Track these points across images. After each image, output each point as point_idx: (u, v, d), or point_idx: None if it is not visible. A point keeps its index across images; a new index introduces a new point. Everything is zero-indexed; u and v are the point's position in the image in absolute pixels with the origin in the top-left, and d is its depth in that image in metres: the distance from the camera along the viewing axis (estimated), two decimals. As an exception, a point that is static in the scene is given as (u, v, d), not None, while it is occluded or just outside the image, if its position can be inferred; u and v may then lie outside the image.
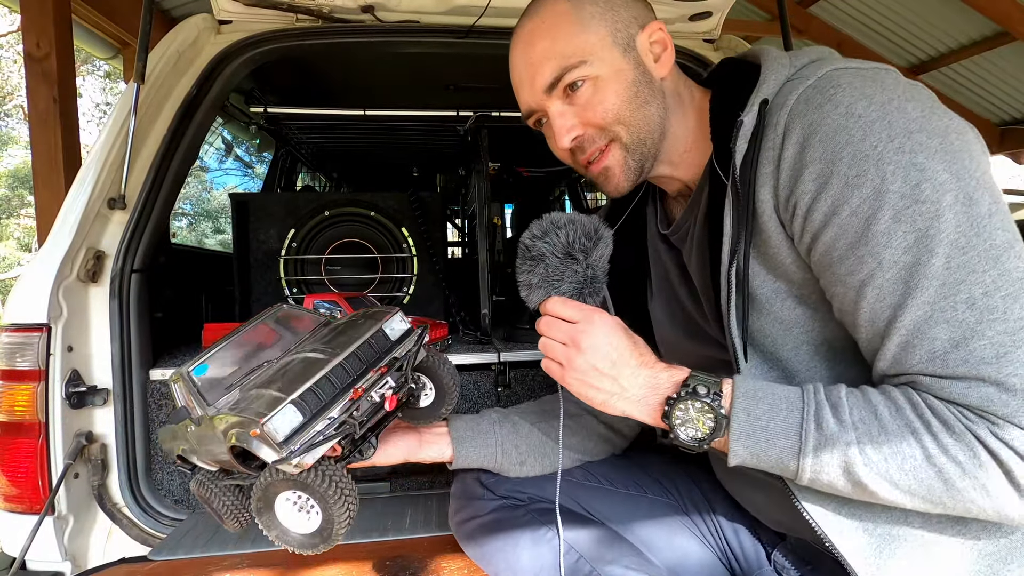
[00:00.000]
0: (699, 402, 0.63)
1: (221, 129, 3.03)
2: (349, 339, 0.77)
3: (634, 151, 0.76)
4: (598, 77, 0.73)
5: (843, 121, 0.59)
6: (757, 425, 0.61)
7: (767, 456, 0.62)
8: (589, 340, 0.68)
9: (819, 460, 0.59)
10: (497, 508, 0.91)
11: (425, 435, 0.93)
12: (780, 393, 0.62)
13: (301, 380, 0.70)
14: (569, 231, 0.73)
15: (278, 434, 0.65)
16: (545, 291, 0.73)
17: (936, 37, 4.33)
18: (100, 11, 3.10)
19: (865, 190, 0.57)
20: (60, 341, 1.14)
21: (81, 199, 1.19)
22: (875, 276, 0.58)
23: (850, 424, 0.58)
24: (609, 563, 0.79)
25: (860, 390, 0.61)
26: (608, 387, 0.68)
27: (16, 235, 11.17)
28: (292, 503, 0.70)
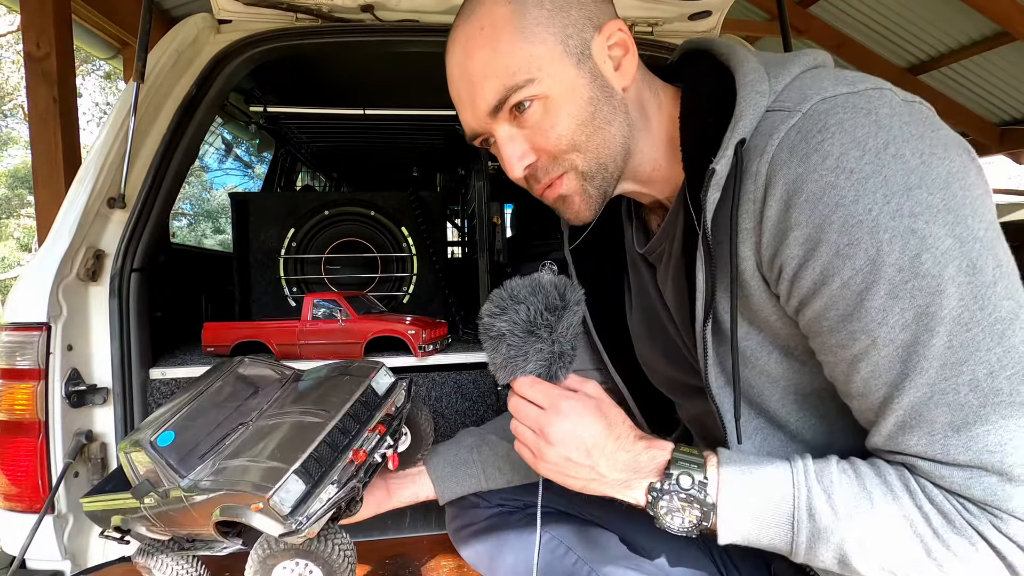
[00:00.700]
0: (684, 493, 0.59)
1: (221, 129, 3.03)
2: (340, 399, 0.75)
3: (593, 179, 0.67)
4: (548, 97, 0.62)
5: (832, 178, 0.51)
6: (747, 515, 0.57)
7: (758, 542, 0.59)
8: (558, 430, 0.63)
9: (812, 550, 0.56)
10: (493, 515, 0.92)
11: (393, 481, 0.91)
12: (770, 476, 0.58)
13: (299, 447, 0.67)
14: (530, 305, 0.65)
15: (284, 506, 0.62)
16: (511, 371, 0.66)
17: (936, 37, 4.33)
18: (100, 11, 3.10)
19: (858, 261, 0.51)
20: (60, 340, 1.14)
21: (81, 198, 1.19)
22: (869, 353, 0.53)
23: (844, 514, 0.54)
24: (607, 563, 0.79)
25: (853, 468, 0.57)
26: (585, 475, 0.63)
27: (16, 235, 11.17)
28: (290, 571, 0.68)
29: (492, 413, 1.42)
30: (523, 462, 0.91)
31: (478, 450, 0.92)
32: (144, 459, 0.72)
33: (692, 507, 0.59)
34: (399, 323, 1.35)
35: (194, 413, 0.77)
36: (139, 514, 0.75)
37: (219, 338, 1.39)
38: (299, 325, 1.37)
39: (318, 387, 0.80)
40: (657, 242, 0.74)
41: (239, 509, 0.63)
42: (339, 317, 1.37)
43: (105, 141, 1.23)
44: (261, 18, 1.44)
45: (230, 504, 0.64)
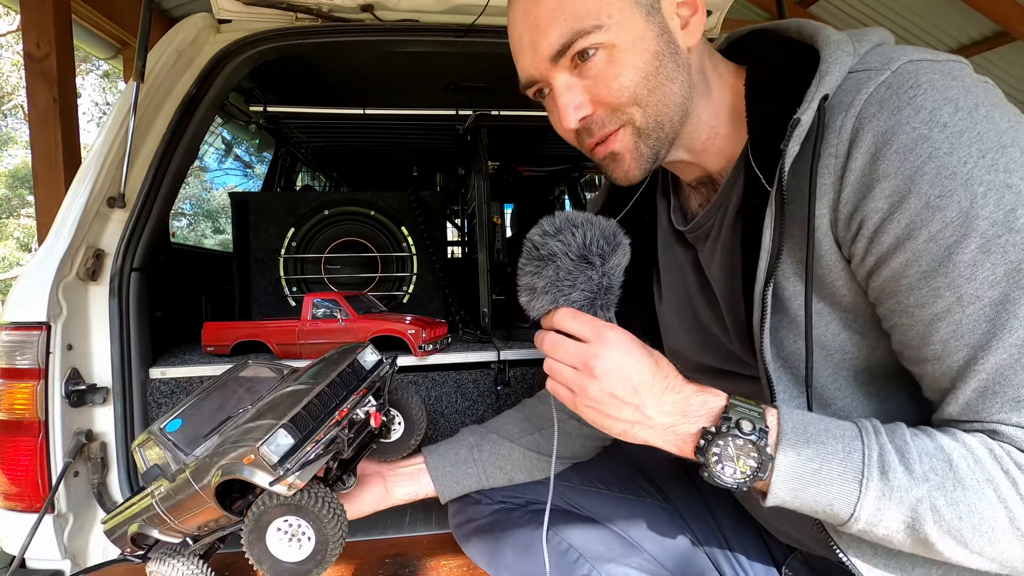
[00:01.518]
0: (742, 439, 0.54)
1: (221, 129, 3.04)
2: (328, 370, 0.81)
3: (648, 137, 0.64)
4: (614, 46, 0.60)
5: (926, 131, 0.50)
6: (808, 468, 0.53)
7: (815, 502, 0.54)
8: (604, 363, 0.58)
9: (879, 512, 0.52)
10: (495, 511, 0.92)
11: (392, 478, 0.92)
12: (835, 430, 0.54)
13: (289, 408, 0.72)
14: (587, 231, 0.62)
15: (273, 456, 0.66)
16: (552, 298, 0.63)
17: (936, 37, 4.33)
18: (100, 11, 3.10)
19: (950, 213, 0.49)
20: (60, 339, 1.14)
21: (81, 198, 1.19)
22: (952, 311, 0.50)
23: (921, 475, 0.50)
24: (608, 561, 0.79)
25: (926, 433, 0.54)
26: (629, 416, 0.59)
27: (16, 235, 11.17)
28: (283, 532, 0.71)
29: (492, 413, 1.42)
30: (525, 461, 0.92)
31: (479, 449, 0.92)
32: (154, 451, 0.77)
33: (749, 456, 0.54)
34: (399, 323, 1.35)
35: (200, 403, 0.83)
36: (152, 512, 0.78)
37: (219, 338, 1.39)
38: (299, 325, 1.37)
39: (313, 367, 0.86)
40: (705, 217, 0.71)
41: (235, 465, 0.67)
42: (339, 317, 1.37)
43: (105, 141, 1.23)
44: (261, 18, 1.44)
45: (227, 463, 0.68)
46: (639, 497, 0.93)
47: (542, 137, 2.17)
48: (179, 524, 0.78)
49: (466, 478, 0.91)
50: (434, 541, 1.06)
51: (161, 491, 0.77)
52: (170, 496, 0.76)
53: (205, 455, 0.73)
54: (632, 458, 0.99)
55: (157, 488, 0.77)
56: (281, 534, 0.71)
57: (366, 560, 1.00)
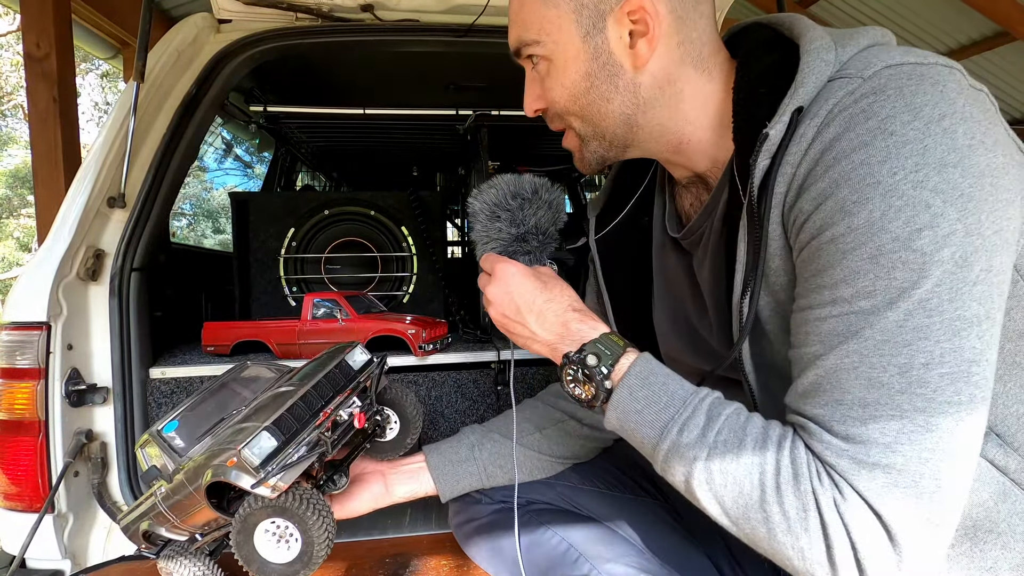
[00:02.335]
0: (586, 370, 0.62)
1: (221, 128, 3.04)
2: (315, 372, 0.82)
3: (589, 143, 0.70)
4: (551, 60, 0.65)
5: (868, 138, 0.49)
6: (633, 406, 0.60)
7: (632, 435, 0.61)
8: (493, 290, 0.69)
9: (668, 462, 0.58)
10: (495, 511, 0.91)
11: (392, 476, 0.92)
12: (671, 387, 0.59)
13: (273, 410, 0.73)
14: (498, 190, 0.73)
15: (255, 458, 0.67)
16: (481, 248, 0.75)
17: (936, 37, 4.33)
18: (100, 11, 3.10)
19: (858, 219, 0.49)
20: (60, 339, 1.14)
21: (81, 198, 1.19)
22: (822, 307, 0.52)
23: (709, 442, 0.55)
24: (608, 561, 0.79)
25: (748, 416, 0.57)
26: (520, 331, 0.69)
27: (16, 235, 11.17)
28: (271, 534, 0.71)
29: (492, 413, 1.42)
30: (526, 461, 0.92)
31: (480, 448, 0.92)
32: (152, 450, 0.79)
33: (589, 384, 0.62)
34: (399, 322, 1.35)
35: (197, 404, 0.84)
36: (156, 511, 0.79)
37: (219, 338, 1.39)
38: (299, 324, 1.37)
39: (303, 369, 0.86)
40: (697, 223, 0.72)
41: (221, 467, 0.68)
42: (339, 316, 1.37)
43: (105, 141, 1.23)
44: (261, 18, 1.45)
45: (213, 466, 0.69)
46: (639, 497, 0.93)
47: (542, 137, 2.17)
48: (181, 523, 0.78)
49: (467, 477, 0.91)
50: (434, 541, 1.06)
51: (162, 491, 0.77)
52: (170, 496, 0.76)
53: (197, 457, 0.74)
54: (632, 458, 0.99)
55: (158, 488, 0.78)
56: (269, 535, 0.71)
57: (366, 560, 1.00)
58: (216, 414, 0.83)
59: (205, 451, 0.73)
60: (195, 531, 0.81)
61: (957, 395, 0.47)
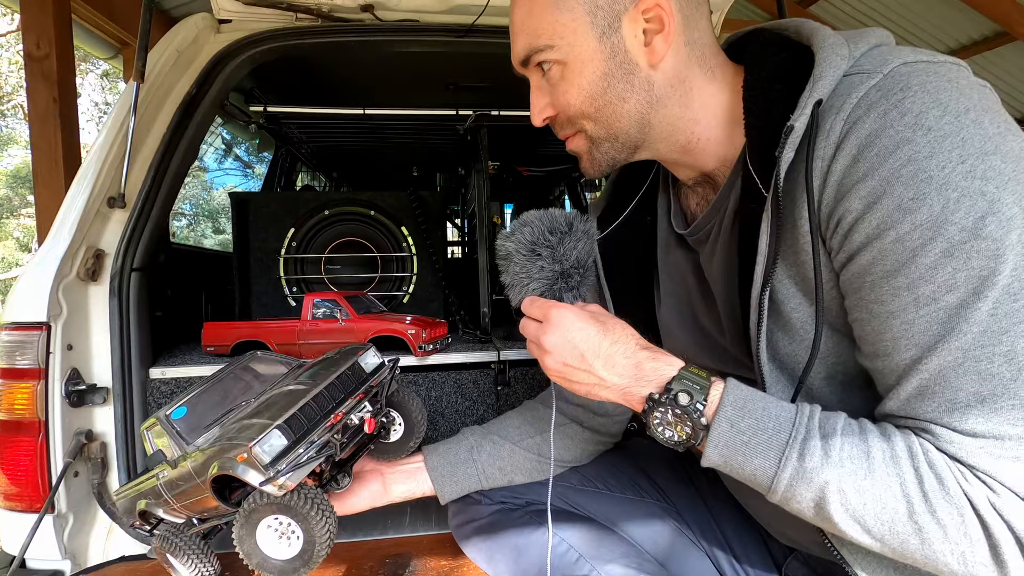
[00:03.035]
0: (678, 409, 0.59)
1: (221, 129, 3.04)
2: (328, 372, 0.82)
3: (601, 145, 0.70)
4: (565, 64, 0.65)
5: (909, 133, 0.50)
6: (738, 439, 0.57)
7: (741, 470, 0.58)
8: (551, 338, 0.65)
9: (792, 488, 0.55)
10: (495, 512, 0.91)
11: (390, 476, 0.92)
12: (772, 410, 0.57)
13: (285, 408, 0.73)
14: (533, 227, 0.70)
15: (265, 457, 0.68)
16: (519, 290, 0.71)
17: (936, 37, 4.33)
18: (100, 11, 3.10)
19: (920, 216, 0.49)
20: (60, 340, 1.14)
21: (81, 198, 1.19)
22: (907, 310, 0.51)
23: (836, 460, 0.53)
24: (608, 562, 0.79)
25: (859, 424, 0.56)
26: (585, 379, 0.65)
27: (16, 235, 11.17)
28: (274, 530, 0.72)
29: (492, 413, 1.42)
30: (525, 463, 0.92)
31: (478, 449, 0.92)
32: (158, 434, 0.79)
33: (684, 424, 0.59)
34: (399, 323, 1.35)
35: (206, 392, 0.85)
36: (156, 492, 0.80)
37: (219, 338, 1.39)
38: (299, 324, 1.37)
39: (314, 366, 0.86)
40: (705, 219, 0.72)
41: (230, 461, 0.69)
42: (339, 317, 1.37)
43: (105, 141, 1.23)
44: (261, 18, 1.45)
45: (224, 459, 0.70)
46: (639, 497, 0.93)
47: (542, 137, 2.17)
48: (181, 507, 0.80)
49: (465, 478, 0.91)
50: (434, 541, 1.06)
51: (165, 475, 0.79)
52: (172, 481, 0.78)
53: (205, 447, 0.75)
54: (632, 458, 0.99)
55: (161, 471, 0.79)
56: (271, 531, 0.72)
57: (366, 560, 1.00)
58: (224, 403, 0.83)
59: (214, 443, 0.74)
60: (193, 516, 0.82)
61: None
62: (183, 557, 0.81)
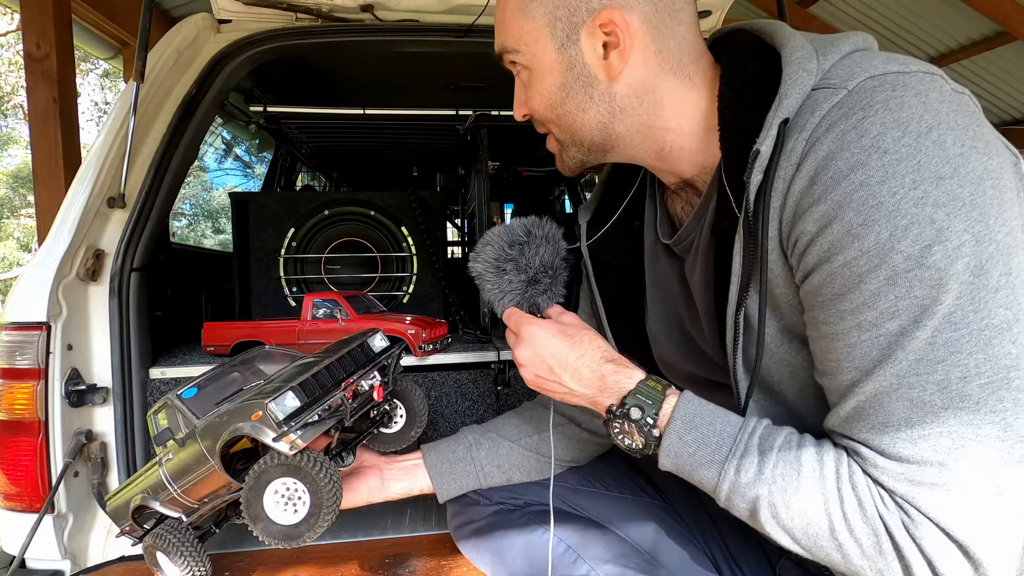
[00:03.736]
0: (630, 423, 0.63)
1: (221, 129, 3.04)
2: (336, 348, 0.86)
3: (568, 148, 0.73)
4: (529, 70, 0.68)
5: (864, 156, 0.50)
6: (685, 451, 0.61)
7: (690, 477, 0.62)
8: (523, 352, 0.70)
9: (730, 499, 0.59)
10: (493, 512, 0.91)
11: (388, 471, 0.92)
12: (718, 425, 0.61)
13: (298, 376, 0.76)
14: (494, 245, 0.74)
15: (279, 414, 0.70)
16: (497, 305, 0.75)
17: (936, 37, 4.33)
18: (100, 11, 3.10)
19: (867, 242, 0.49)
20: (60, 340, 1.14)
21: (81, 198, 1.19)
22: (849, 334, 0.52)
23: (768, 477, 0.56)
24: (606, 562, 0.79)
25: (800, 440, 0.58)
26: (557, 389, 0.70)
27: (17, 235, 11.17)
28: (280, 495, 0.73)
29: (492, 413, 1.42)
30: (523, 462, 0.92)
31: (477, 447, 0.92)
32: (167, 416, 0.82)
33: (639, 435, 0.63)
34: (399, 323, 1.35)
35: (217, 376, 0.88)
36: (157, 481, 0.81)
37: (219, 338, 1.39)
38: (299, 325, 1.37)
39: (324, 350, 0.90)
40: (687, 230, 0.72)
41: (243, 421, 0.71)
42: (339, 317, 1.37)
43: (105, 141, 1.23)
44: (261, 18, 1.45)
45: (238, 421, 0.72)
46: (637, 497, 0.93)
47: (542, 137, 2.17)
48: (183, 493, 0.80)
49: (463, 476, 0.91)
50: (434, 541, 1.06)
51: (169, 457, 0.80)
52: (178, 462, 0.79)
53: (214, 415, 0.76)
54: (630, 458, 0.99)
55: (165, 455, 0.80)
56: (278, 496, 0.73)
57: (366, 560, 1.00)
58: (235, 386, 0.86)
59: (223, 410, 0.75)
60: (194, 504, 0.82)
61: (1000, 403, 0.48)
62: (177, 555, 0.81)
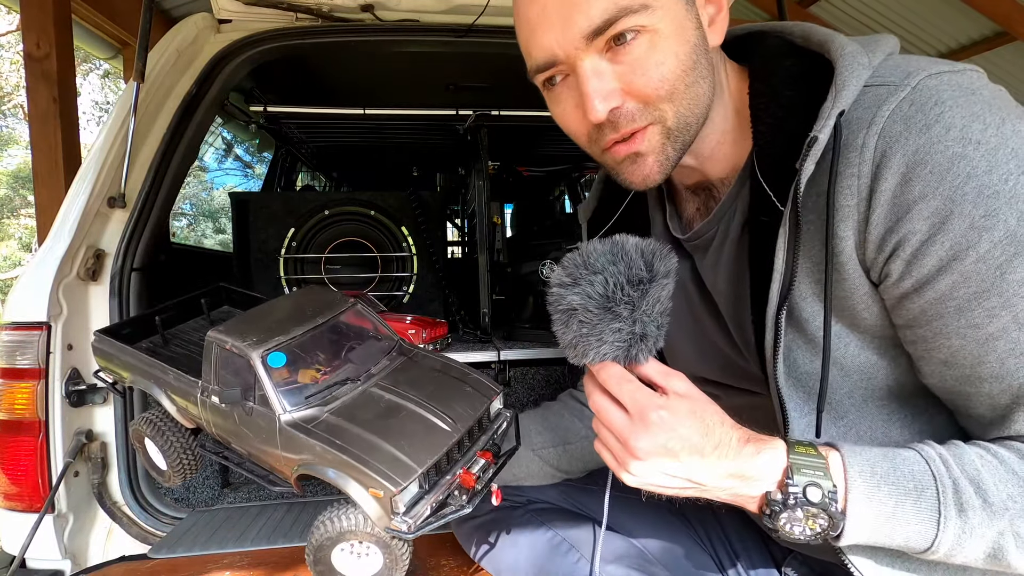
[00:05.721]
0: (813, 508, 0.52)
1: (221, 128, 3.04)
2: (464, 412, 0.71)
3: (676, 139, 0.59)
4: (656, 31, 0.54)
5: (960, 149, 0.49)
6: (881, 512, 0.52)
7: (890, 541, 0.53)
8: (647, 444, 0.55)
9: (958, 546, 0.51)
10: (495, 509, 0.91)
11: None
12: (903, 466, 0.52)
13: (427, 450, 0.65)
14: (608, 276, 0.54)
15: (402, 507, 0.61)
16: (582, 351, 0.57)
17: (936, 37, 4.33)
18: (100, 11, 3.10)
19: (997, 233, 0.48)
20: (60, 339, 1.14)
21: (81, 198, 1.19)
22: (1008, 330, 0.50)
23: (1000, 506, 0.49)
24: (609, 562, 0.79)
25: (991, 454, 0.52)
26: (678, 485, 0.57)
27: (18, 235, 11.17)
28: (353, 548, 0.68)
29: (492, 413, 1.41)
30: (538, 471, 0.90)
31: None
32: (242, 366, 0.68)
33: (819, 518, 0.53)
34: (399, 323, 1.35)
35: (306, 346, 0.72)
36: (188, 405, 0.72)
37: (219, 338, 1.39)
38: (299, 325, 1.37)
39: (436, 382, 0.76)
40: (707, 226, 0.68)
41: (350, 483, 0.62)
42: (339, 317, 1.37)
43: (105, 141, 1.23)
44: (261, 18, 1.45)
45: (342, 472, 0.62)
46: (641, 496, 0.93)
47: (542, 137, 2.17)
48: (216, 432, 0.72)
49: None
50: (434, 541, 1.06)
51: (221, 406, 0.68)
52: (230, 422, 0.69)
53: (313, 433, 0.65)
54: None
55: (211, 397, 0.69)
56: (351, 548, 0.68)
57: (366, 560, 1.00)
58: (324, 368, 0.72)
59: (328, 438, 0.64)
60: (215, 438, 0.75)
61: None
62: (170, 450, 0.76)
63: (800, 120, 0.56)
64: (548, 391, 1.47)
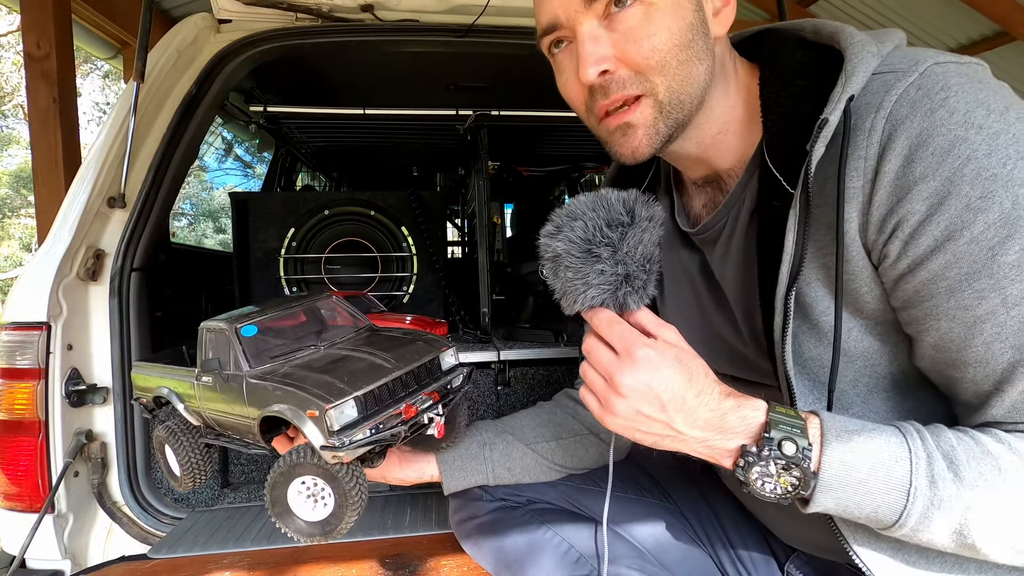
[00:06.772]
0: (785, 460, 0.53)
1: (221, 128, 3.04)
2: (410, 356, 0.78)
3: (668, 115, 0.61)
4: (653, 4, 0.58)
5: (962, 132, 0.50)
6: (852, 478, 0.52)
7: (858, 510, 0.54)
8: (631, 381, 0.56)
9: (926, 520, 0.51)
10: (496, 509, 0.91)
11: (406, 454, 0.91)
12: (879, 438, 0.53)
13: (365, 380, 0.71)
14: (587, 222, 0.58)
15: (335, 423, 0.66)
16: (572, 298, 0.59)
17: (936, 37, 4.33)
18: (100, 11, 3.10)
19: (992, 214, 0.49)
20: (60, 339, 1.14)
21: (81, 198, 1.19)
22: (996, 313, 0.50)
23: (970, 481, 0.50)
24: (610, 562, 0.79)
25: (968, 435, 0.53)
26: (657, 430, 0.58)
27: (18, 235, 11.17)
28: (307, 488, 0.71)
29: (492, 413, 1.42)
30: (535, 468, 0.91)
31: (491, 447, 0.92)
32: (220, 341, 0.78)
33: (790, 474, 0.54)
34: (399, 323, 1.35)
35: (276, 320, 0.83)
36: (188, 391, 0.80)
37: (219, 338, 1.39)
38: (299, 325, 1.37)
39: (391, 341, 0.83)
40: (715, 219, 0.69)
41: (295, 411, 0.67)
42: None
43: (105, 141, 1.23)
44: (261, 18, 1.45)
45: (286, 403, 0.68)
46: (641, 497, 0.93)
47: (542, 137, 2.17)
48: (206, 415, 0.79)
49: (473, 474, 0.91)
50: (434, 541, 1.06)
51: (207, 381, 0.77)
52: (214, 394, 0.76)
53: (268, 379, 0.72)
54: (635, 458, 0.99)
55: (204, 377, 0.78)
56: (304, 488, 0.71)
57: (366, 560, 1.00)
58: (291, 338, 0.82)
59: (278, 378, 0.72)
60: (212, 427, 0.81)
61: None
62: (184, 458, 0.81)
63: (810, 105, 0.57)
64: (548, 391, 1.47)
